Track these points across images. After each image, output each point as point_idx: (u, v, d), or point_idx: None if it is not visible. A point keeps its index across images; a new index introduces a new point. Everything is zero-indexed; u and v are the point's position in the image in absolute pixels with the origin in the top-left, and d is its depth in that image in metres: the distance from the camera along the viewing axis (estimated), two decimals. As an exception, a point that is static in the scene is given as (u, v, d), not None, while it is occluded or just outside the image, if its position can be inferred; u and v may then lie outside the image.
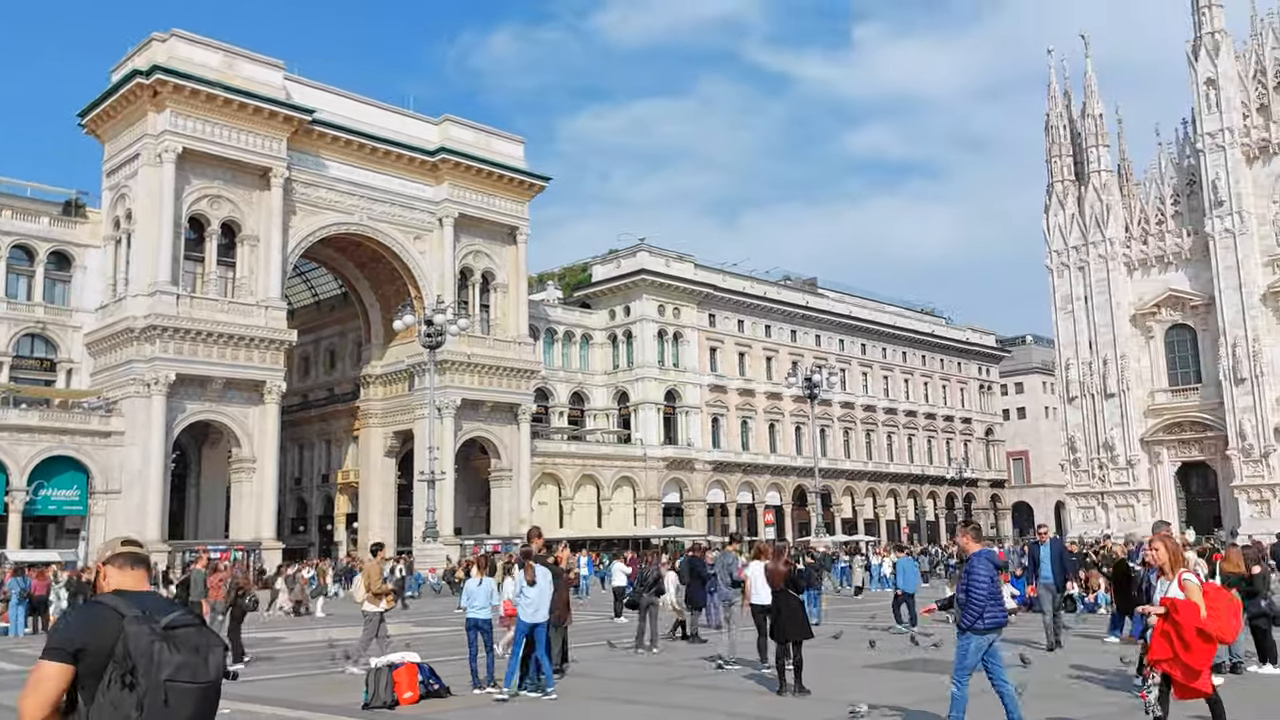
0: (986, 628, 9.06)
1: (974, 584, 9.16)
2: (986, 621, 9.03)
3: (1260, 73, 57.69)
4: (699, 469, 69.80)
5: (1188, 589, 7.96)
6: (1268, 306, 56.15)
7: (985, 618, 9.02)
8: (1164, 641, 7.89)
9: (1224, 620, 7.96)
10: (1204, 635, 7.73)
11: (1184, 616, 7.80)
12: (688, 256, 73.21)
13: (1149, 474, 60.45)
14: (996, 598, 9.24)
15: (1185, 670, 7.79)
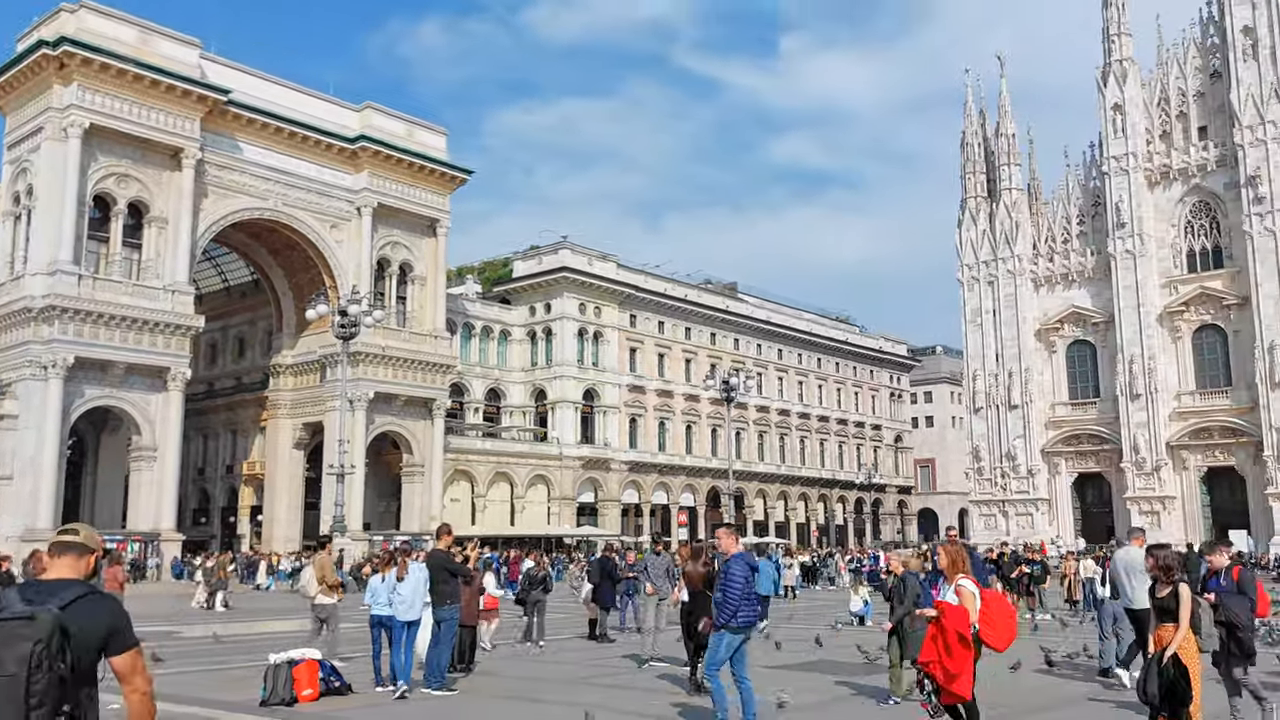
0: (740, 626, 9.57)
1: (730, 584, 9.59)
2: (740, 620, 9.54)
3: (1164, 101, 60.21)
4: (615, 469, 69.87)
5: (962, 595, 8.04)
6: (1163, 326, 58.62)
7: (739, 617, 9.54)
8: (931, 644, 8.05)
9: (997, 628, 8.02)
10: (965, 641, 7.83)
11: (949, 621, 7.92)
12: (610, 256, 73.25)
13: (1048, 484, 62.57)
14: (750, 599, 9.73)
15: (945, 674, 7.90)
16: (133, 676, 3.82)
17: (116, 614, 3.81)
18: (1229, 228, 56.92)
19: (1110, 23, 61.09)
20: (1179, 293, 58.33)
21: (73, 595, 3.69)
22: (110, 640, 3.75)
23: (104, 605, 3.81)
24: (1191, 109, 59.16)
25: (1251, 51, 55.56)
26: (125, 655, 3.80)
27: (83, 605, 3.69)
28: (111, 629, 3.77)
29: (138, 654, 3.85)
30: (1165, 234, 59.29)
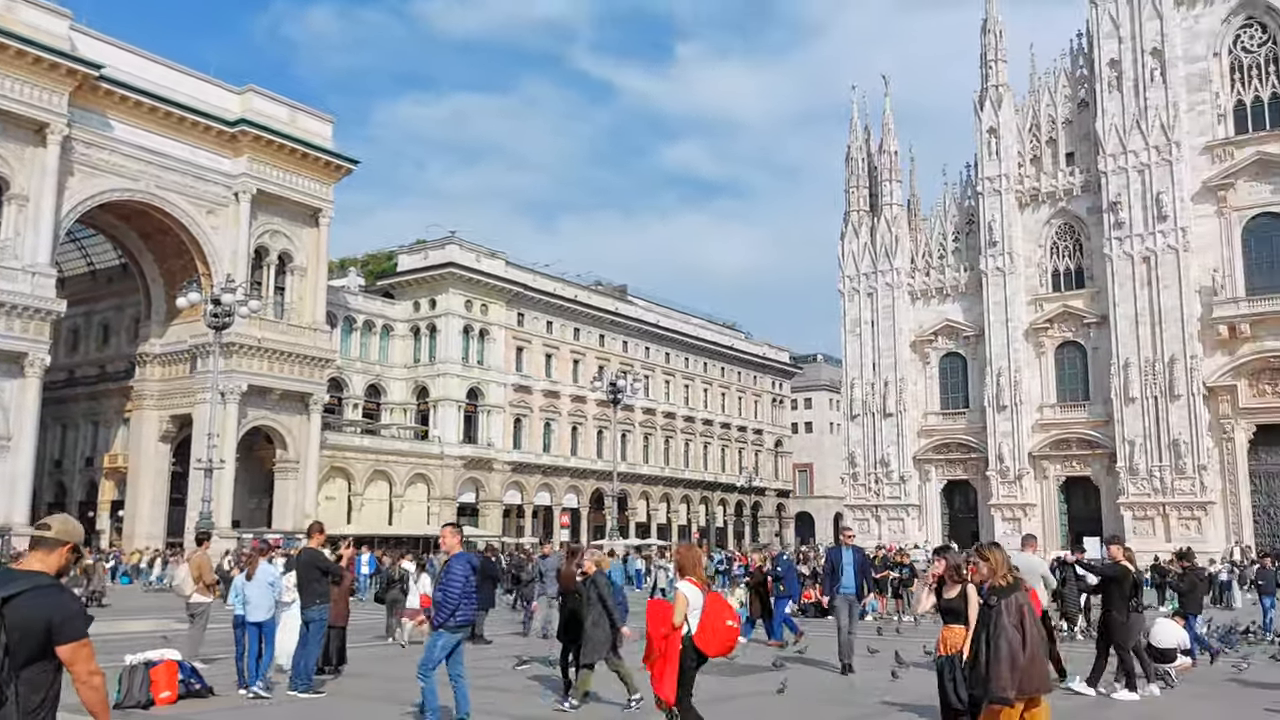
0: (458, 625, 9.79)
1: (450, 584, 9.72)
2: (458, 619, 9.77)
3: (1035, 127, 63.19)
4: (498, 469, 69.25)
5: (676, 597, 8.17)
6: (1029, 341, 61.48)
7: (457, 616, 9.75)
8: (650, 644, 8.24)
9: (708, 633, 8.07)
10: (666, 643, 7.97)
11: (648, 621, 8.16)
12: (499, 254, 72.59)
13: (919, 490, 64.86)
14: (470, 598, 9.93)
15: (652, 676, 8.07)
16: (73, 666, 4.18)
17: (59, 607, 4.15)
18: (1091, 250, 60.09)
19: (988, 49, 63.81)
20: (1044, 310, 61.27)
21: (19, 588, 4.12)
22: (52, 632, 4.10)
23: (49, 598, 4.16)
24: (1061, 135, 62.27)
25: (1116, 84, 58.82)
26: (66, 646, 4.15)
27: (27, 597, 4.10)
28: (51, 621, 4.11)
29: (79, 646, 4.17)
30: (1033, 253, 62.21)
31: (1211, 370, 54.90)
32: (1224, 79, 57.16)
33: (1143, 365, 55.89)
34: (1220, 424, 54.83)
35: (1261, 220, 55.22)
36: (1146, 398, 55.68)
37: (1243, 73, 56.74)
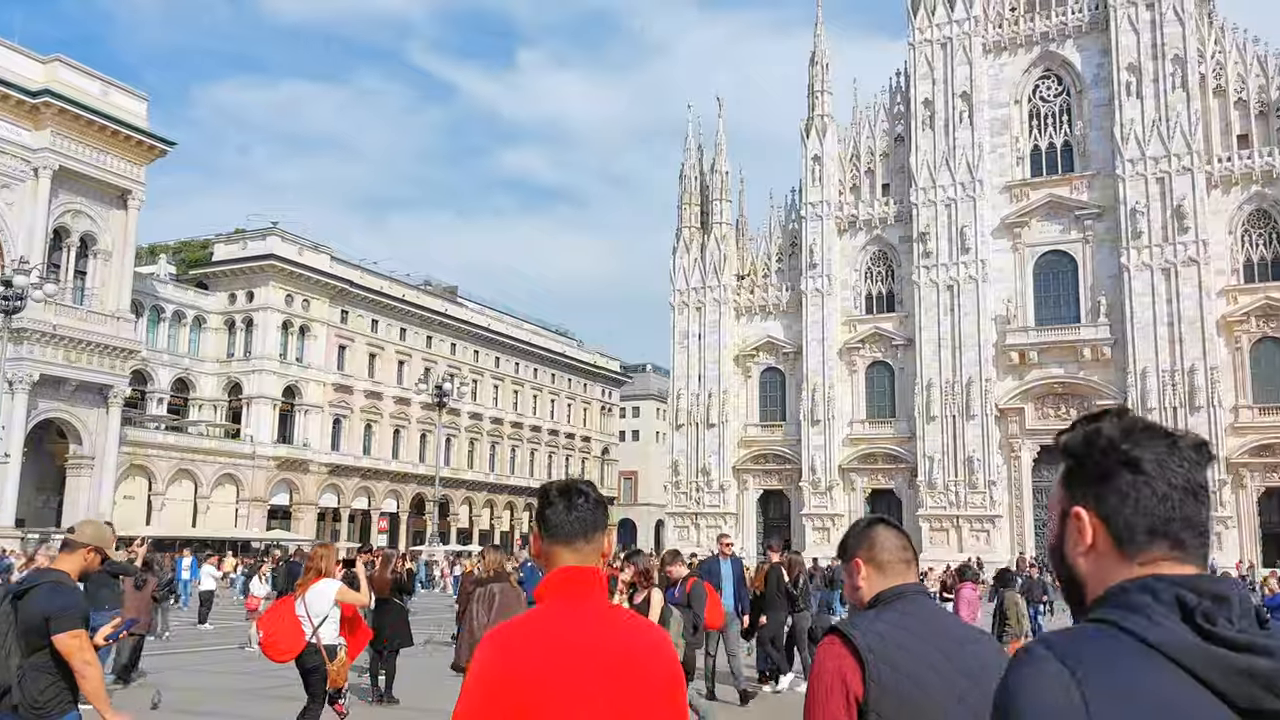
0: None
1: None
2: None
3: (856, 157, 66.65)
4: (314, 471, 66.88)
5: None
6: (843, 360, 64.66)
7: None
8: None
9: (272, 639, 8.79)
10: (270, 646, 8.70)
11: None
12: (324, 247, 70.23)
13: (737, 498, 67.01)
14: None
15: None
16: (69, 657, 4.74)
17: (57, 602, 4.75)
18: (902, 276, 63.84)
19: (815, 80, 66.89)
20: (857, 331, 64.60)
21: (32, 584, 4.86)
22: (49, 623, 4.70)
23: (52, 594, 4.77)
24: (878, 167, 65.91)
25: (929, 122, 62.81)
26: (59, 637, 4.72)
27: (35, 593, 4.77)
28: (48, 614, 4.71)
29: (70, 637, 4.72)
30: (849, 277, 65.54)
31: (1003, 393, 59.33)
32: (1023, 125, 62.03)
33: (943, 386, 59.81)
34: (1009, 443, 59.30)
35: (1050, 257, 60.20)
36: (946, 416, 59.59)
37: (1039, 120, 61.74)
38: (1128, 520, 1.52)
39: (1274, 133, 55.91)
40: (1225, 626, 1.36)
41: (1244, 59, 57.27)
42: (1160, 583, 1.44)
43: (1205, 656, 1.34)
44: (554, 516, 2.68)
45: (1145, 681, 1.34)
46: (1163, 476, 1.52)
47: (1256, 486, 54.25)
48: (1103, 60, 59.23)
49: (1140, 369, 55.16)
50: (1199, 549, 1.52)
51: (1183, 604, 1.39)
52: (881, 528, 2.84)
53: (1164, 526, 1.50)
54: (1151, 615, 1.40)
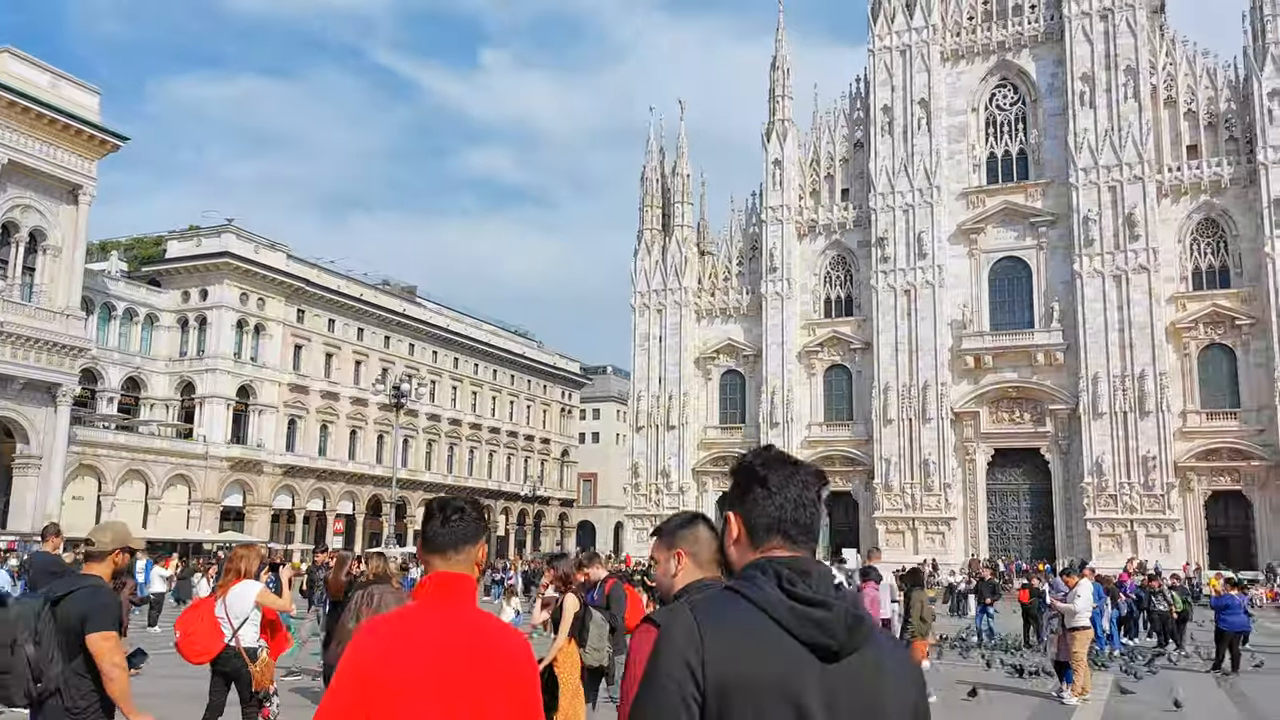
0: None
1: None
2: None
3: (816, 162, 67.20)
4: (268, 472, 65.94)
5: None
6: (801, 363, 65.13)
7: None
8: None
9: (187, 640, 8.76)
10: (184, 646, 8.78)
11: None
12: (280, 245, 69.29)
13: (696, 500, 67.16)
14: None
15: None
16: (98, 658, 4.89)
17: (91, 603, 4.94)
18: (860, 281, 64.45)
19: (776, 85, 67.37)
20: (816, 334, 65.10)
21: (69, 589, 5.05)
22: (84, 624, 4.88)
23: (87, 596, 4.97)
24: (838, 172, 66.51)
25: (888, 129, 63.49)
26: (91, 636, 4.89)
27: (71, 597, 4.96)
28: (85, 615, 4.91)
29: (102, 638, 4.89)
30: (809, 281, 66.04)
31: (959, 397, 60.10)
32: (980, 132, 62.93)
33: (900, 390, 60.44)
34: (964, 446, 60.08)
35: (1005, 263, 61.12)
36: (902, 420, 60.23)
37: (996, 128, 62.67)
38: (755, 521, 2.31)
39: (1222, 144, 57.25)
40: (803, 589, 2.13)
41: (1194, 71, 58.59)
42: (769, 562, 2.22)
43: (785, 608, 2.11)
44: (430, 529, 3.17)
45: (741, 620, 2.11)
46: (782, 492, 2.31)
47: (1203, 490, 55.46)
48: (1057, 70, 60.28)
49: (1092, 374, 56.15)
50: (805, 541, 2.29)
51: (778, 575, 2.16)
52: (704, 527, 3.31)
53: (779, 526, 2.29)
54: (756, 582, 2.17)
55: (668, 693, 2.05)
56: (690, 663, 2.06)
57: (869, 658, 2.13)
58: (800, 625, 2.09)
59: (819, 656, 2.09)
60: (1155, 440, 54.51)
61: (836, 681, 2.08)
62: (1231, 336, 55.74)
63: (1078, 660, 15.89)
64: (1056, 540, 57.28)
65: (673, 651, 2.08)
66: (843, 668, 2.10)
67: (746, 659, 2.06)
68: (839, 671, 2.09)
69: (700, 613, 2.12)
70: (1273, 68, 55.19)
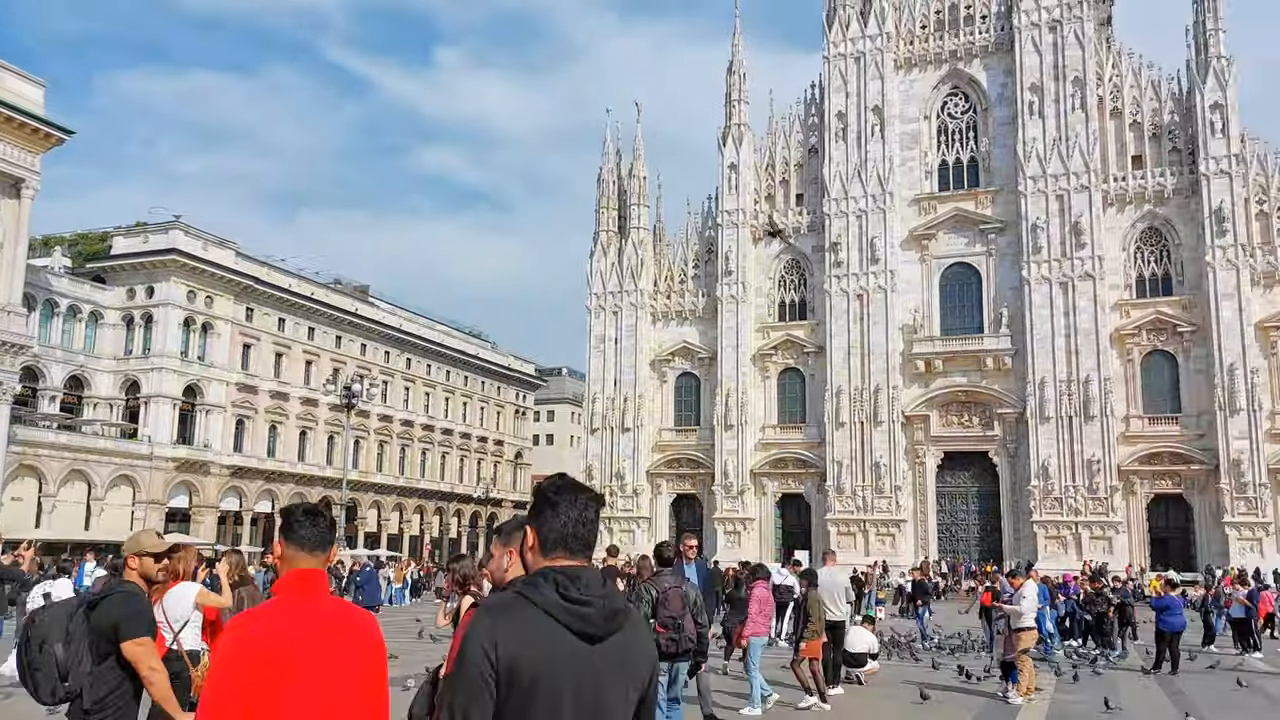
0: None
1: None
2: None
3: (771, 166, 67.65)
4: (215, 473, 64.83)
5: None
6: (756, 366, 65.50)
7: None
8: None
9: None
10: None
11: None
12: (230, 243, 68.20)
13: (650, 503, 67.26)
14: None
15: None
16: (136, 664, 5.10)
17: (124, 610, 5.15)
18: (814, 285, 64.99)
19: (732, 89, 67.71)
20: (770, 338, 65.51)
21: (103, 595, 5.32)
22: (118, 630, 5.09)
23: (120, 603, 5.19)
24: (793, 177, 67.01)
25: (843, 135, 64.11)
26: (126, 644, 5.09)
27: (105, 603, 5.20)
28: (118, 621, 5.12)
29: (136, 644, 5.08)
30: (764, 285, 66.46)
31: (909, 400, 60.84)
32: (932, 140, 63.80)
33: (852, 393, 61.04)
34: (915, 449, 60.82)
35: (956, 269, 62.02)
36: (854, 423, 60.83)
37: (947, 135, 63.58)
38: (546, 535, 2.96)
39: (1165, 155, 58.62)
40: (573, 592, 2.81)
41: (1139, 83, 59.94)
42: (549, 571, 2.88)
43: (558, 607, 2.79)
44: (303, 532, 3.69)
45: (525, 616, 2.79)
46: (566, 513, 2.96)
47: (1146, 493, 56.70)
48: (1007, 80, 61.32)
49: (1039, 379, 57.17)
50: (583, 552, 2.97)
51: (555, 582, 2.83)
52: None
53: (562, 540, 2.95)
54: (538, 586, 2.84)
55: (471, 671, 2.74)
56: (486, 649, 2.73)
57: (621, 639, 2.89)
58: (570, 619, 2.80)
59: (585, 640, 2.81)
60: (1100, 444, 55.64)
61: (596, 657, 2.82)
62: (1173, 343, 57.08)
63: (1023, 661, 16.16)
64: (1004, 542, 58.21)
65: (475, 641, 2.75)
66: (602, 647, 2.83)
67: (529, 645, 2.76)
68: (599, 650, 2.83)
69: (496, 611, 2.84)
70: (1214, 81, 56.65)
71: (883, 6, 64.17)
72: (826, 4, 66.18)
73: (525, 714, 2.72)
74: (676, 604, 10.19)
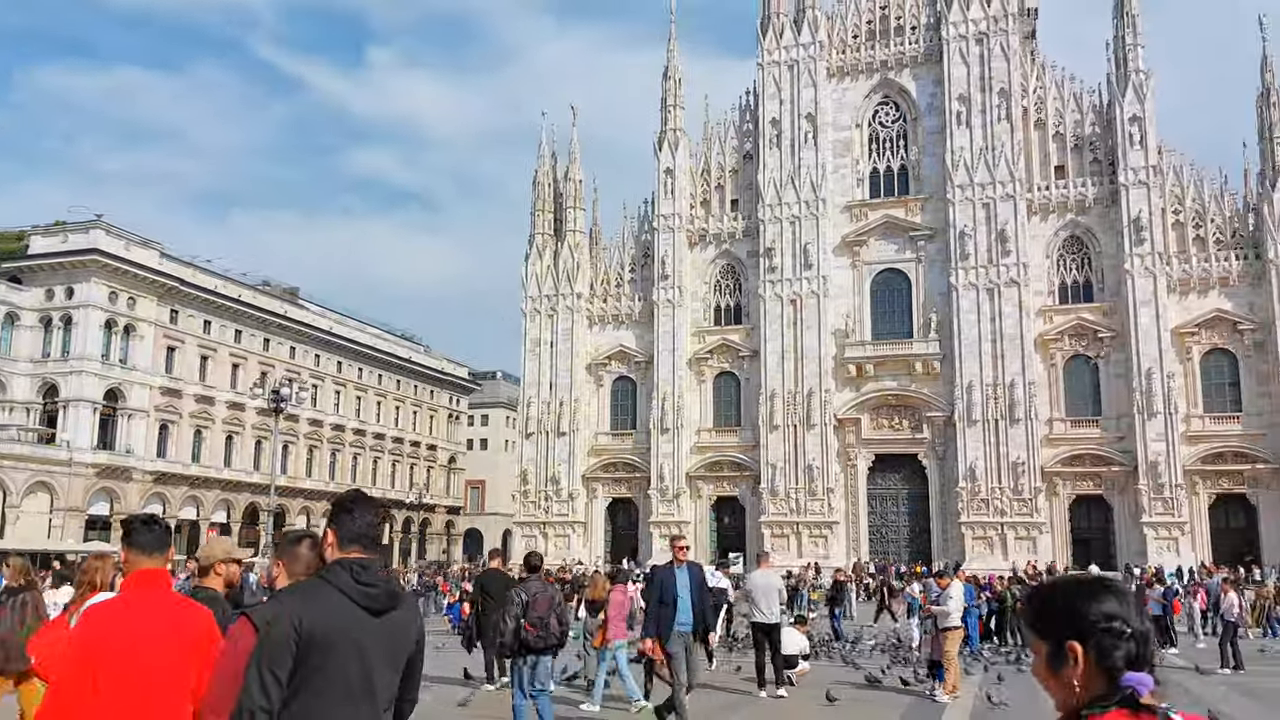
0: None
1: None
2: None
3: (706, 172, 68.04)
4: (137, 479, 62.98)
5: None
6: (692, 370, 65.77)
7: None
8: None
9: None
10: None
11: None
12: (154, 243, 66.38)
13: (586, 507, 67.06)
14: None
15: None
16: None
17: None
18: (749, 290, 65.51)
19: (668, 94, 67.97)
20: (706, 342, 65.86)
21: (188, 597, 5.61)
22: None
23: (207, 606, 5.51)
24: (728, 182, 67.48)
25: (777, 141, 64.78)
26: None
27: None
28: None
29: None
30: (699, 289, 66.79)
31: (841, 404, 61.66)
32: (863, 148, 64.80)
33: (786, 397, 61.65)
34: (846, 451, 61.65)
35: (886, 275, 63.06)
36: (788, 426, 61.44)
37: (879, 144, 64.64)
38: (343, 534, 3.77)
39: (1087, 165, 60.38)
40: (364, 577, 3.61)
41: (1062, 95, 61.64)
42: (346, 560, 3.66)
43: (352, 587, 3.56)
44: (139, 536, 4.44)
45: (324, 594, 3.54)
46: (360, 517, 3.81)
47: (1068, 494, 58.26)
48: (936, 90, 62.56)
49: (966, 382, 58.39)
50: (372, 548, 3.75)
51: (350, 569, 3.60)
52: (305, 546, 4.51)
53: (356, 538, 3.75)
54: (335, 572, 3.61)
55: (278, 636, 3.43)
56: (293, 619, 3.45)
57: (397, 615, 3.70)
58: (359, 596, 3.57)
59: (371, 614, 3.60)
60: (1024, 447, 57.02)
61: (380, 628, 3.62)
62: (1094, 348, 58.77)
63: (949, 659, 16.45)
64: (933, 543, 59.28)
65: (283, 612, 3.49)
66: (384, 620, 3.62)
67: (326, 616, 3.50)
68: (382, 622, 3.62)
69: (300, 591, 3.65)
70: (1133, 94, 58.51)
71: (815, 15, 65.04)
72: (761, 11, 66.83)
73: (323, 665, 3.48)
74: (544, 606, 11.47)
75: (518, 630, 11.31)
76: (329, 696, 3.48)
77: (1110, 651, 2.17)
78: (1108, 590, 2.23)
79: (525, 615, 11.38)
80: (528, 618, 11.38)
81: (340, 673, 3.49)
